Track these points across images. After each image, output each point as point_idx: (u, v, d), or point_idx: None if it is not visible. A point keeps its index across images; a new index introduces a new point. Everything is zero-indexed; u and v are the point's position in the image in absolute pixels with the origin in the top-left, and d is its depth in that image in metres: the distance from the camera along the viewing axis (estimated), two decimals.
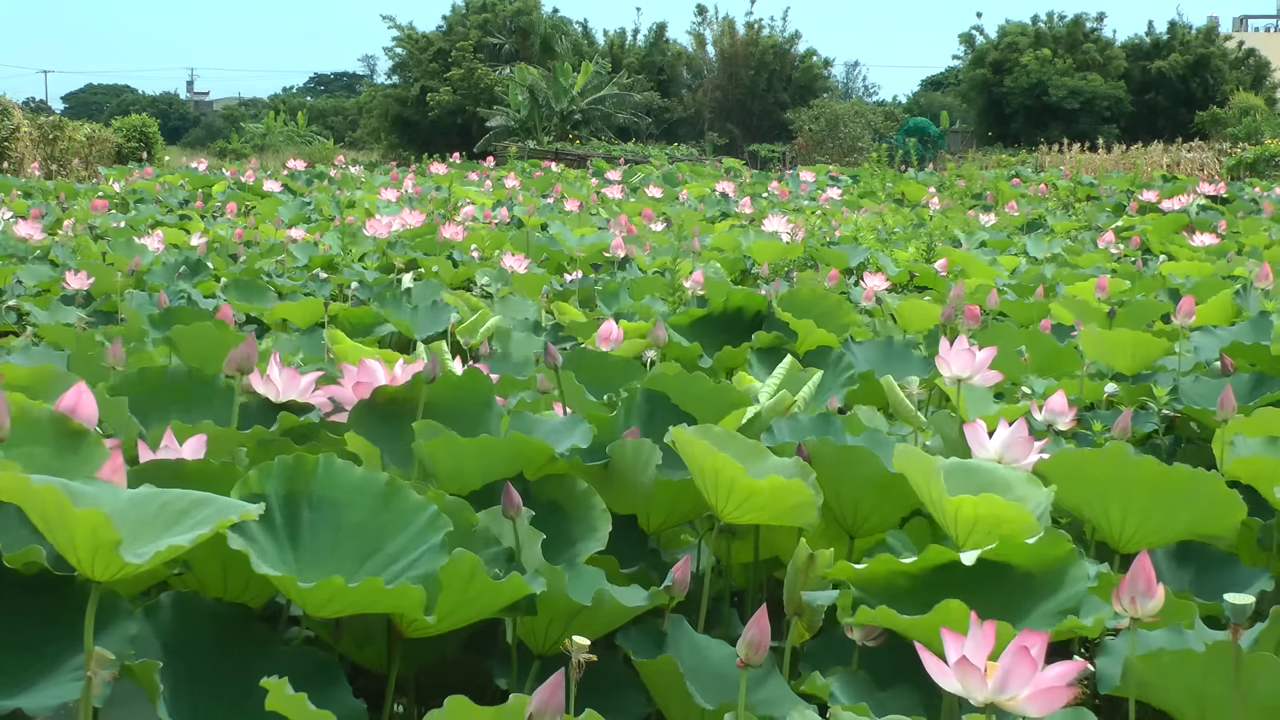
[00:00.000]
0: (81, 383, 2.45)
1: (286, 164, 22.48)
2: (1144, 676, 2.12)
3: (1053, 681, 1.63)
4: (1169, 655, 2.12)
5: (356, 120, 52.62)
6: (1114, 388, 4.41)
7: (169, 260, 7.63)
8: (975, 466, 2.68)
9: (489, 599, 2.22)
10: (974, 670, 1.65)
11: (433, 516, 2.31)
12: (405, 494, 2.35)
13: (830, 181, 20.58)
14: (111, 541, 1.83)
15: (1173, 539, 2.87)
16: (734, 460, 2.50)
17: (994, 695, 1.64)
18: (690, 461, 2.60)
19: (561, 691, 1.66)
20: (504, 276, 7.22)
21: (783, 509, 2.57)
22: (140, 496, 2.04)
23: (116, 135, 26.72)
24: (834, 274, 6.88)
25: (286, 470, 2.32)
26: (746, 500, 2.56)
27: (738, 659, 1.84)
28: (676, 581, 2.33)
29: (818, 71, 47.14)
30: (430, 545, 2.28)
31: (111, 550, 1.84)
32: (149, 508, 2.00)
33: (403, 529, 2.31)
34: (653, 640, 2.36)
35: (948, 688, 1.68)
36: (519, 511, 2.33)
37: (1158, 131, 36.19)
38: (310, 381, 3.14)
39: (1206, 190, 15.46)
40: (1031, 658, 1.63)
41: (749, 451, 2.67)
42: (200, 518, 1.97)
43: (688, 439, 2.55)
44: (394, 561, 2.28)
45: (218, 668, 2.13)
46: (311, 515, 2.31)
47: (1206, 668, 2.07)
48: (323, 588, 2.07)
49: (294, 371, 3.16)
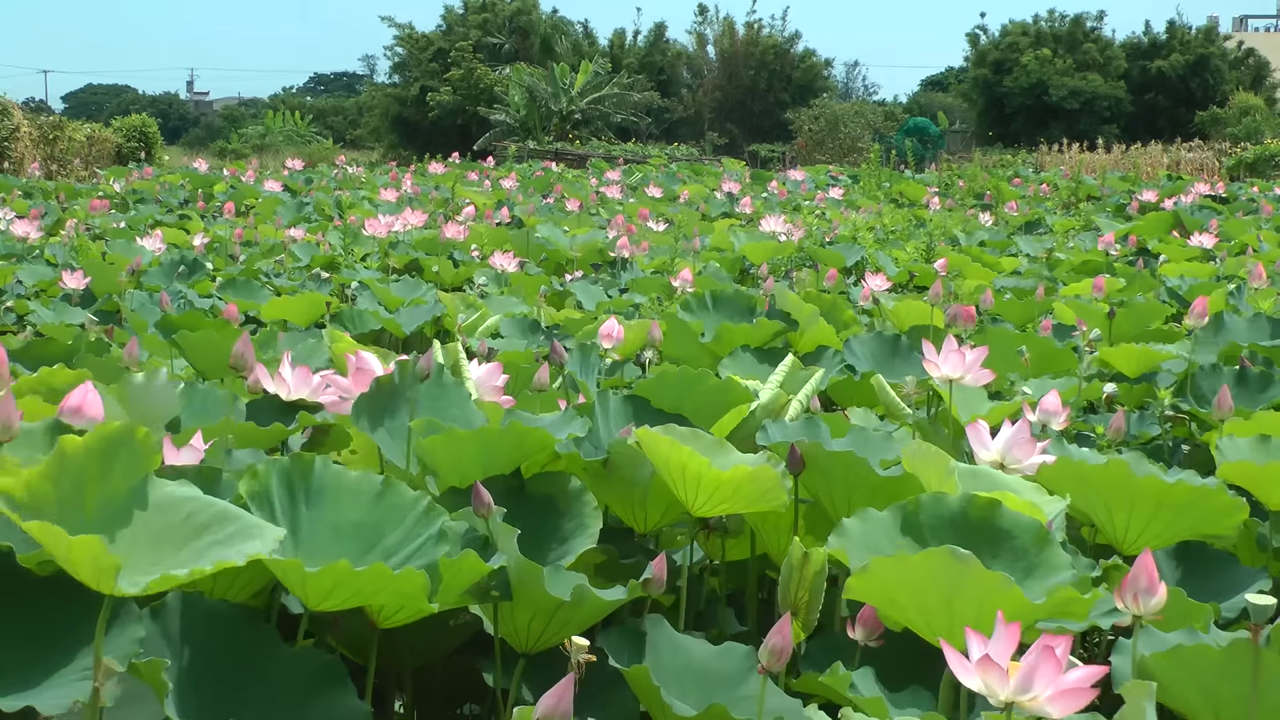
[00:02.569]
0: (88, 382, 2.45)
1: (286, 164, 22.47)
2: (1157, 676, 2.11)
3: (1075, 684, 1.64)
4: (1186, 652, 2.11)
5: (356, 120, 52.68)
6: (1113, 388, 4.41)
7: (166, 260, 7.63)
8: (980, 473, 2.69)
9: (449, 579, 2.22)
10: (996, 669, 1.65)
11: (427, 507, 2.34)
12: (399, 490, 2.37)
13: (830, 181, 20.57)
14: (112, 568, 1.83)
15: (1174, 540, 2.89)
16: (698, 453, 2.51)
17: (1015, 695, 1.65)
18: (656, 459, 2.61)
19: (570, 696, 1.66)
20: (502, 278, 7.24)
21: (752, 495, 2.58)
22: (169, 500, 2.05)
23: (116, 135, 26.71)
24: (832, 274, 6.89)
25: (286, 468, 2.34)
26: (715, 492, 2.57)
27: (759, 665, 1.85)
28: (654, 578, 2.33)
29: (818, 71, 47.19)
30: (429, 535, 2.30)
31: (112, 576, 1.84)
32: (176, 515, 2.01)
33: (398, 523, 2.34)
34: (633, 641, 2.34)
35: (970, 685, 1.69)
36: (490, 510, 2.32)
37: (1158, 131, 36.20)
38: (322, 381, 3.15)
39: (1203, 190, 15.45)
40: (1056, 658, 1.64)
41: (713, 445, 2.68)
42: (221, 536, 1.98)
43: (651, 437, 2.56)
44: (392, 554, 2.30)
45: (223, 668, 2.13)
46: (309, 512, 2.33)
47: (1222, 667, 2.07)
48: (327, 573, 2.08)
49: (306, 370, 3.16)
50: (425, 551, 2.30)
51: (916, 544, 2.36)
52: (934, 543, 2.33)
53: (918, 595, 2.21)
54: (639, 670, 2.15)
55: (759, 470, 2.54)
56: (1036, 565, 2.33)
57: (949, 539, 2.33)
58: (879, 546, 2.35)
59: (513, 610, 2.34)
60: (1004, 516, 2.39)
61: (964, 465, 2.68)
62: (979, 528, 2.38)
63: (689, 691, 2.25)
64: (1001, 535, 2.37)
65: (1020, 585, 2.23)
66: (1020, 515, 2.39)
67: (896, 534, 2.39)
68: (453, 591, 2.25)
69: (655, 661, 2.28)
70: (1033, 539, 2.36)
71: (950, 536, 2.35)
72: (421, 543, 2.31)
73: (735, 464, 2.62)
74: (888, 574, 2.21)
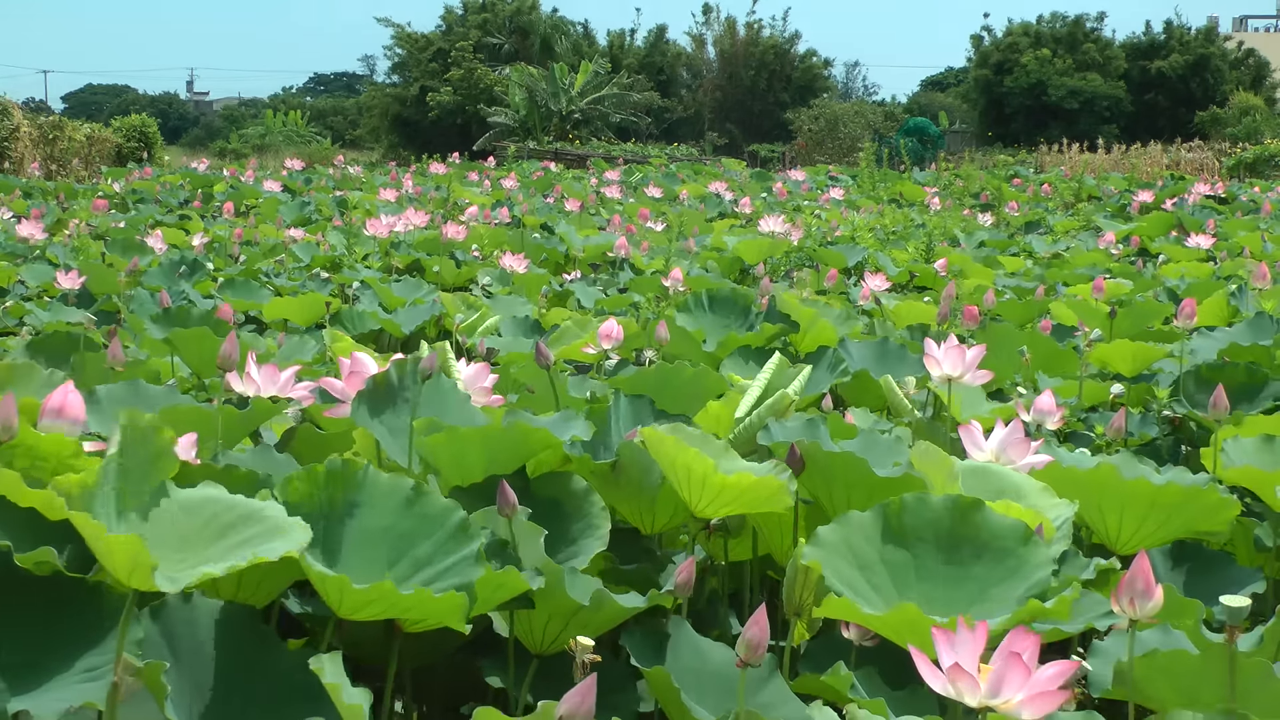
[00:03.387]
0: (69, 383, 2.45)
1: (286, 164, 22.46)
2: (1139, 678, 2.12)
3: (1046, 684, 1.61)
4: (1162, 657, 2.11)
5: (356, 120, 52.62)
6: (1119, 388, 4.41)
7: (166, 261, 7.63)
8: (989, 470, 2.69)
9: (486, 594, 2.22)
10: (966, 676, 1.62)
11: (461, 522, 2.29)
12: (431, 499, 2.34)
13: (830, 181, 20.57)
14: (148, 566, 1.83)
15: (1168, 539, 2.90)
16: (704, 455, 2.51)
17: (988, 699, 1.62)
18: (661, 459, 2.61)
19: (593, 697, 1.66)
20: (505, 278, 7.24)
21: (757, 497, 2.58)
22: (195, 501, 2.05)
23: (116, 135, 26.68)
24: (833, 274, 6.89)
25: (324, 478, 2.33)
26: (720, 493, 2.57)
27: (737, 659, 1.84)
28: (680, 584, 2.33)
29: (818, 71, 47.18)
30: (466, 554, 2.26)
31: (148, 574, 1.85)
32: (200, 516, 2.01)
33: (429, 534, 2.31)
34: (654, 642, 2.34)
35: (941, 691, 1.66)
36: (514, 510, 2.32)
37: (1157, 132, 36.18)
38: (290, 376, 3.12)
39: (1203, 190, 15.45)
40: (1024, 661, 1.60)
41: (719, 448, 2.68)
42: (247, 535, 1.98)
43: (657, 437, 2.56)
44: (424, 566, 2.28)
45: (224, 669, 2.13)
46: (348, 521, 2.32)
47: (1201, 670, 2.06)
48: (375, 590, 2.08)
49: (273, 367, 3.14)
50: (460, 571, 2.25)
51: (899, 549, 2.33)
52: (917, 547, 2.31)
53: (884, 622, 2.17)
54: (659, 672, 2.16)
55: (764, 478, 2.54)
56: (1020, 566, 2.30)
57: (931, 542, 2.32)
58: (860, 553, 2.31)
59: (530, 613, 2.34)
60: (987, 518, 2.35)
61: (968, 464, 2.68)
62: (962, 530, 2.34)
63: (707, 694, 2.26)
64: (985, 537, 2.34)
65: (1002, 585, 2.22)
66: (1003, 517, 2.35)
67: (878, 540, 2.33)
68: (487, 605, 2.25)
69: (675, 663, 2.28)
70: (1016, 540, 2.32)
71: (933, 539, 2.33)
72: (457, 561, 2.27)
73: (740, 468, 2.62)
74: (852, 610, 2.18)
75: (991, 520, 2.35)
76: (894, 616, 2.10)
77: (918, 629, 2.04)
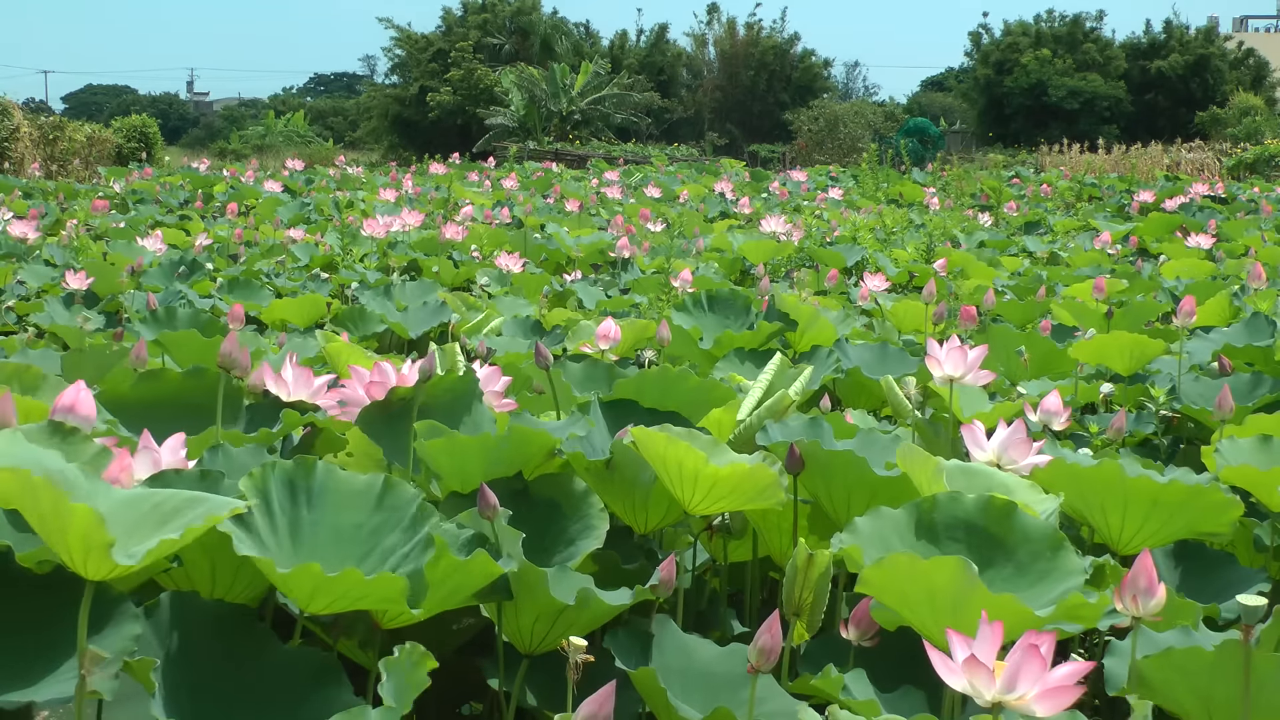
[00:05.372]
0: (80, 382, 2.46)
1: (286, 164, 22.46)
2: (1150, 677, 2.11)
3: (1061, 681, 1.63)
4: (1178, 655, 2.10)
5: (356, 120, 52.58)
6: (1110, 388, 4.41)
7: (166, 261, 7.63)
8: (975, 470, 2.69)
9: (458, 580, 2.22)
10: (982, 669, 1.63)
11: (417, 513, 2.34)
12: (399, 491, 2.37)
13: (830, 181, 20.57)
14: (104, 543, 1.83)
15: (1170, 539, 2.89)
16: (695, 449, 2.51)
17: (1001, 694, 1.63)
18: (653, 457, 2.61)
19: (611, 703, 1.65)
20: (504, 278, 7.24)
21: (749, 492, 2.58)
22: (133, 496, 2.05)
23: (116, 135, 26.68)
24: (833, 274, 6.89)
25: (288, 471, 2.35)
26: (713, 488, 2.56)
27: (748, 664, 1.84)
28: (662, 581, 2.33)
29: (817, 72, 47.18)
30: (418, 540, 2.30)
31: (104, 552, 1.84)
32: (141, 507, 2.01)
33: (395, 526, 2.34)
34: (639, 642, 2.34)
35: (955, 686, 1.67)
36: (495, 512, 2.32)
37: (1157, 132, 36.17)
38: (324, 383, 3.15)
39: (1204, 190, 15.44)
40: (1041, 656, 1.62)
41: (709, 443, 2.68)
42: (192, 516, 1.98)
43: (647, 435, 2.56)
44: (388, 556, 2.30)
45: (219, 667, 2.13)
46: (310, 514, 2.33)
47: (1214, 668, 2.06)
48: (303, 574, 2.09)
49: (308, 371, 3.16)
50: (414, 557, 2.29)
51: (931, 545, 2.34)
52: (948, 544, 2.32)
53: (930, 597, 2.17)
54: (646, 672, 2.16)
55: (756, 467, 2.54)
56: (1050, 570, 2.31)
57: (963, 540, 2.32)
58: (891, 545, 2.33)
59: (517, 613, 2.34)
60: (1019, 520, 2.36)
61: (955, 463, 2.68)
62: (993, 530, 2.36)
63: (694, 693, 2.25)
64: (1016, 538, 2.35)
65: (1032, 590, 2.22)
66: (1035, 520, 2.36)
67: (910, 534, 2.36)
68: (464, 592, 2.25)
69: (661, 663, 2.28)
70: (1047, 543, 2.34)
71: (964, 538, 2.34)
72: (411, 547, 2.31)
73: (732, 460, 2.62)
74: (902, 571, 2.17)
75: (1024, 523, 2.36)
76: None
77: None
